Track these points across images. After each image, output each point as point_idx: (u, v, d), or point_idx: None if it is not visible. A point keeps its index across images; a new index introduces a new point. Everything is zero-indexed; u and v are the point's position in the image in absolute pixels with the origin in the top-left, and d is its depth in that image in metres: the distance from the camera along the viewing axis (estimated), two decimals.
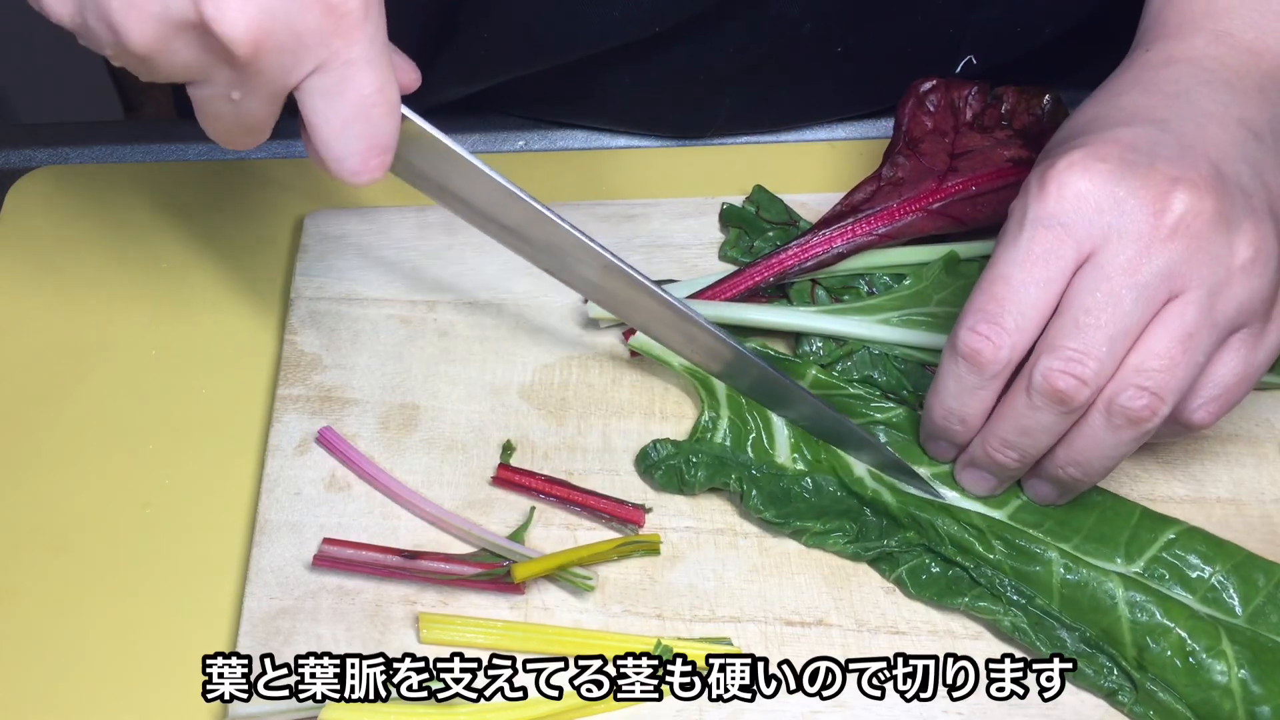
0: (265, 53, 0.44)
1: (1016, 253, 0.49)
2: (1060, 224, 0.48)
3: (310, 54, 0.45)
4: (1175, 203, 0.48)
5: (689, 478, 0.57)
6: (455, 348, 0.63)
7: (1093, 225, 0.48)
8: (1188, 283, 0.48)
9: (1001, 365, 0.50)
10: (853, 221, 0.63)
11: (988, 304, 0.50)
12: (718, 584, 0.56)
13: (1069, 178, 0.48)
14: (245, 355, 0.64)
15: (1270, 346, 0.50)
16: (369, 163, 0.47)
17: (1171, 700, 0.51)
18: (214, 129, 0.49)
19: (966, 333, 0.50)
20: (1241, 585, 0.54)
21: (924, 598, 0.55)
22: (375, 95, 0.46)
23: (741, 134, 0.74)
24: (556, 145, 0.75)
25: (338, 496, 0.58)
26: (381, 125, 0.47)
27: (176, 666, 0.54)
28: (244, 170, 0.71)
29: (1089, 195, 0.48)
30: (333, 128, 0.47)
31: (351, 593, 0.55)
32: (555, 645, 0.53)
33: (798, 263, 0.63)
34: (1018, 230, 0.49)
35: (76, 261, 0.67)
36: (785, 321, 0.62)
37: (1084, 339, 0.48)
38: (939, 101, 0.67)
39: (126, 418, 0.62)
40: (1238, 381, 0.50)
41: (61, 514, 0.59)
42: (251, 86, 0.46)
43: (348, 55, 0.45)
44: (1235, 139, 0.50)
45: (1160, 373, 0.48)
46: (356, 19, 0.45)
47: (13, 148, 0.75)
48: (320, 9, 0.44)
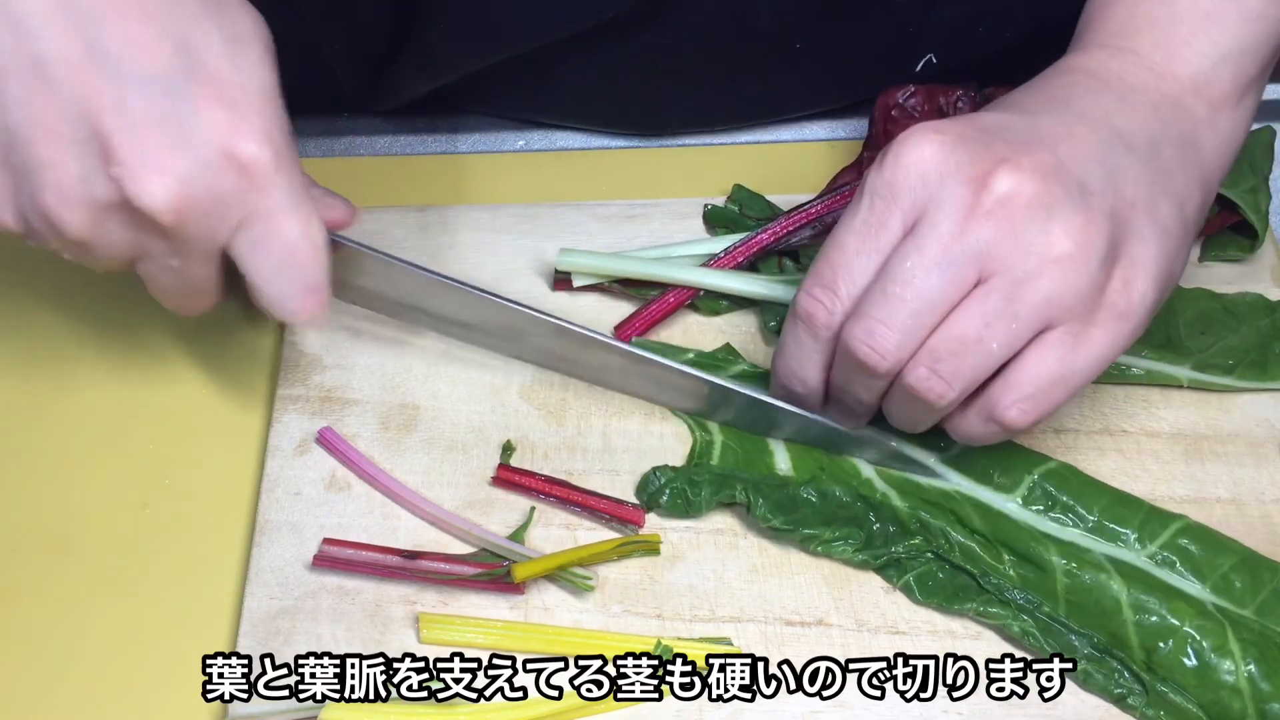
0: (189, 219, 0.47)
1: (854, 220, 0.50)
2: (891, 194, 0.49)
3: (231, 212, 0.48)
4: (997, 182, 0.47)
5: (695, 498, 0.56)
6: (455, 348, 0.63)
7: (918, 195, 0.48)
8: (996, 267, 0.47)
9: (835, 330, 0.51)
10: (829, 197, 0.64)
11: (824, 270, 0.51)
12: (718, 584, 0.56)
13: (904, 149, 0.49)
14: (245, 355, 0.64)
15: (1094, 353, 0.48)
16: (305, 303, 0.50)
17: (1183, 701, 0.52)
18: (166, 299, 0.52)
19: (804, 296, 0.51)
20: (1249, 579, 0.54)
21: (931, 604, 0.55)
22: (299, 240, 0.49)
23: (703, 131, 0.74)
24: (556, 145, 0.75)
25: (338, 497, 0.58)
26: (310, 267, 0.50)
27: (176, 666, 0.54)
28: None
29: (917, 166, 0.48)
30: (264, 276, 0.49)
31: (351, 593, 0.55)
32: (555, 645, 0.53)
33: (775, 239, 0.63)
34: (858, 198, 0.50)
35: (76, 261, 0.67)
36: (753, 290, 0.63)
37: (888, 309, 0.48)
38: (923, 107, 0.67)
39: (126, 418, 0.62)
40: (1052, 383, 0.48)
41: (61, 514, 0.59)
42: (185, 252, 0.49)
43: (266, 207, 0.48)
44: (1101, 141, 0.50)
45: (951, 357, 0.48)
46: (269, 173, 0.47)
47: None
48: (234, 170, 0.47)
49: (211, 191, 0.46)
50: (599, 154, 0.74)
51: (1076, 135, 0.49)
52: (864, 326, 0.49)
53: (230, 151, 0.46)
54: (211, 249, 0.49)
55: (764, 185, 0.68)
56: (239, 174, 0.47)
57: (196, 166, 0.46)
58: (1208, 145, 0.53)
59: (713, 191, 0.69)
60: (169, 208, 0.46)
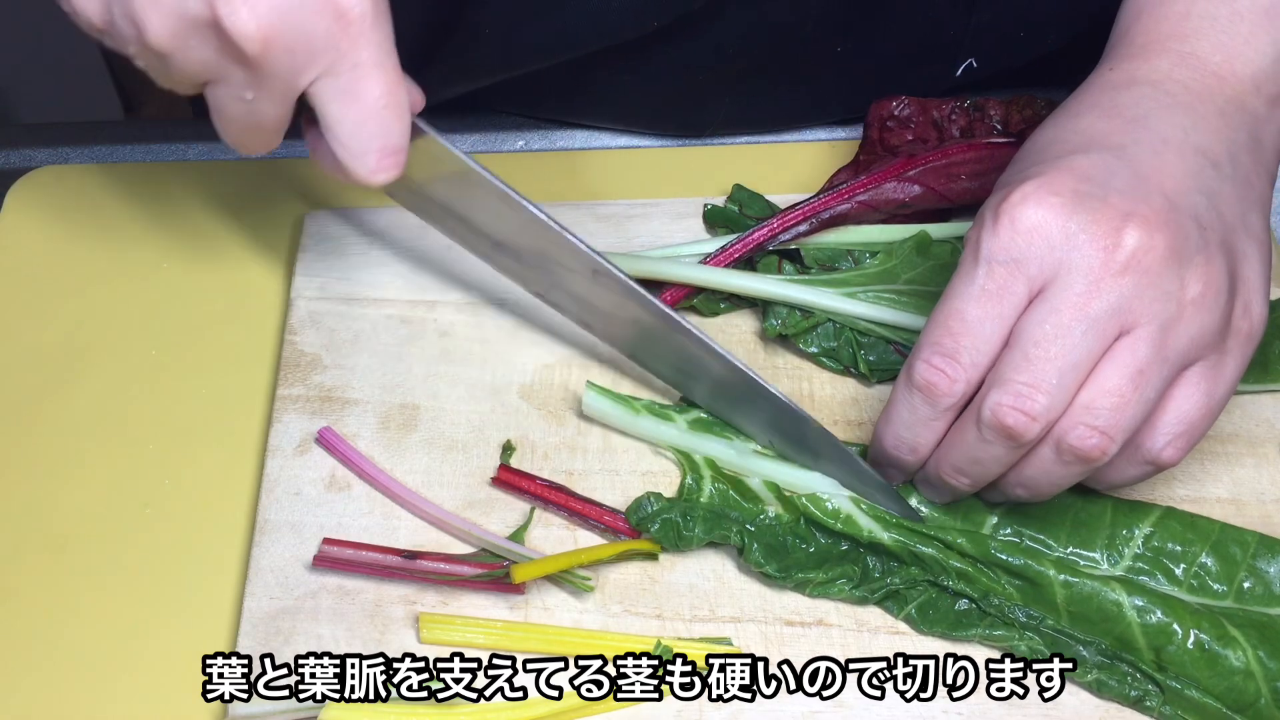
0: (274, 52, 0.46)
1: (972, 287, 0.49)
2: (1013, 259, 0.48)
3: (319, 56, 0.47)
4: (1127, 238, 0.47)
5: (686, 533, 0.56)
6: (455, 348, 0.63)
7: (1045, 260, 0.48)
8: (1138, 319, 0.48)
9: (956, 399, 0.50)
10: (827, 194, 0.64)
11: (943, 338, 0.50)
12: (718, 584, 0.56)
13: (1022, 211, 0.48)
14: (245, 355, 0.64)
15: (1229, 379, 0.50)
16: (384, 161, 0.50)
17: (1199, 695, 0.52)
18: (229, 131, 0.51)
19: (922, 365, 0.51)
20: (1222, 564, 0.54)
21: (936, 633, 0.54)
22: (386, 97, 0.49)
23: (740, 133, 0.74)
24: (556, 145, 0.75)
25: (338, 497, 0.58)
26: (393, 126, 0.50)
27: (176, 666, 0.54)
28: (244, 170, 0.71)
29: (1041, 229, 0.48)
30: (347, 128, 0.49)
31: (351, 593, 0.56)
32: (555, 645, 0.53)
33: (771, 235, 0.63)
34: (973, 264, 0.49)
35: (76, 261, 0.67)
36: (755, 287, 0.62)
37: (1033, 372, 0.48)
38: (918, 118, 0.67)
39: (126, 418, 0.62)
40: (1201, 416, 0.49)
41: (61, 514, 0.59)
42: (263, 86, 0.48)
43: (355, 58, 0.48)
44: (1192, 168, 0.50)
45: (1110, 411, 0.48)
46: (365, 24, 0.47)
47: (13, 148, 0.75)
48: (330, 13, 0.46)
49: (304, 30, 0.46)
50: (599, 154, 0.74)
51: (1170, 166, 0.50)
52: (1009, 392, 0.48)
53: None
54: (291, 88, 0.48)
55: (763, 185, 0.68)
56: (335, 18, 0.46)
57: (292, 2, 0.45)
58: (1269, 141, 0.53)
59: (712, 191, 0.69)
60: (257, 36, 0.45)
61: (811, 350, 0.62)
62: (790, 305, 0.62)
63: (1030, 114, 0.67)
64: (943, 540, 0.55)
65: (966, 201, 0.64)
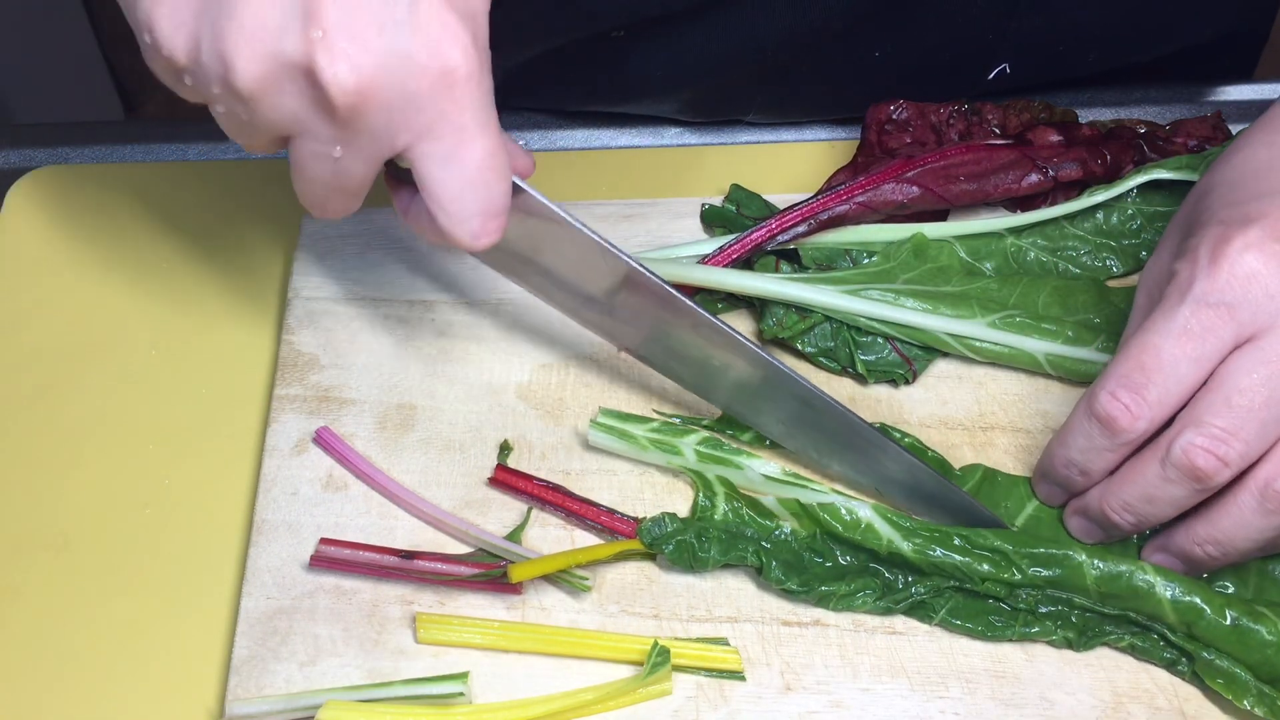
0: (371, 110, 0.43)
1: (1172, 325, 0.48)
2: (1225, 303, 0.48)
3: (419, 117, 0.44)
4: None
5: (701, 554, 0.55)
6: (453, 348, 0.63)
7: (1260, 309, 0.47)
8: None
9: (1137, 435, 0.50)
10: (825, 195, 0.64)
11: (1133, 372, 0.49)
12: (715, 584, 0.56)
13: (1241, 259, 0.47)
14: (243, 355, 0.64)
15: None
16: (487, 225, 0.47)
17: (1230, 665, 0.52)
18: (308, 190, 0.48)
19: (1107, 397, 0.50)
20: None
21: (973, 635, 0.54)
22: (489, 159, 0.46)
23: (776, 125, 0.74)
24: (556, 145, 0.75)
25: (335, 496, 0.58)
26: (496, 189, 0.47)
27: (174, 666, 0.54)
28: (244, 170, 0.71)
29: (1260, 280, 0.47)
30: (449, 193, 0.46)
31: (349, 593, 0.56)
32: (552, 646, 0.54)
33: (770, 235, 0.63)
34: (1177, 302, 0.48)
35: (76, 261, 0.67)
36: (753, 286, 0.62)
37: (1235, 419, 0.47)
38: (916, 121, 0.67)
39: (126, 418, 0.62)
40: None
41: (62, 514, 0.59)
42: (353, 145, 0.45)
43: (459, 121, 0.45)
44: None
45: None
46: (471, 85, 0.44)
47: (13, 148, 0.75)
48: (435, 71, 0.43)
49: (405, 89, 0.43)
50: (597, 153, 0.74)
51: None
52: (1205, 434, 0.48)
53: (438, 53, 0.43)
54: (383, 149, 0.45)
55: (761, 185, 0.68)
56: (439, 76, 0.43)
57: (396, 58, 0.43)
58: None
59: (710, 191, 0.69)
60: (354, 90, 0.42)
61: (808, 351, 0.62)
62: (788, 304, 0.62)
63: (1028, 118, 0.67)
64: (965, 535, 0.54)
65: (965, 203, 0.64)
